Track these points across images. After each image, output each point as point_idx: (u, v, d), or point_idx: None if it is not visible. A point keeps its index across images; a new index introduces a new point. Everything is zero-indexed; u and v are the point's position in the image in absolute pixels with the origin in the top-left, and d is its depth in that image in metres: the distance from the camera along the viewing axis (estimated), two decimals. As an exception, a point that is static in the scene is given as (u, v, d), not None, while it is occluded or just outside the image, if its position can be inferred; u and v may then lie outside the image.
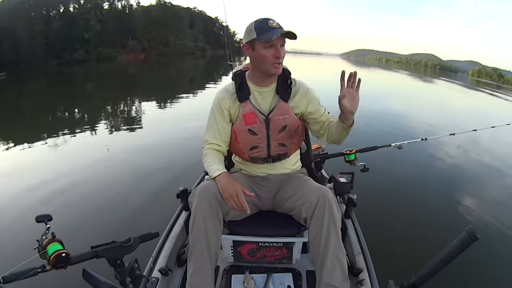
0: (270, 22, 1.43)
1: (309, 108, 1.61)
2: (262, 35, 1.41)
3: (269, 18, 1.45)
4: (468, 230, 0.99)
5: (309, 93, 1.62)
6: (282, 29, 1.42)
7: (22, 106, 11.58)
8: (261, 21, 1.44)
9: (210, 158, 1.57)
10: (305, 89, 1.62)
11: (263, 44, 1.43)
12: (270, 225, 1.68)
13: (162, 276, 1.53)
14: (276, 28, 1.41)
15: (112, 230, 3.03)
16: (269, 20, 1.43)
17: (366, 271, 1.58)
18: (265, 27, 1.42)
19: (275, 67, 1.48)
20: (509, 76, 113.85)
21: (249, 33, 1.46)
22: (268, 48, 1.44)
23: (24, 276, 0.91)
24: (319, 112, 1.63)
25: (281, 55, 1.46)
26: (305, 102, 1.60)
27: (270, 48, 1.44)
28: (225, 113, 1.60)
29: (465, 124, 8.89)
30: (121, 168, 4.68)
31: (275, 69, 1.49)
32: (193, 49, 67.15)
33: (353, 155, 2.46)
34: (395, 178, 4.53)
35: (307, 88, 1.63)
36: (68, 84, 18.94)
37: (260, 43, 1.43)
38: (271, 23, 1.42)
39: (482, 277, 2.64)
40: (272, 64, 1.47)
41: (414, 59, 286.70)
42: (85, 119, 9.18)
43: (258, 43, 1.44)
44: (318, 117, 1.62)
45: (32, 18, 35.93)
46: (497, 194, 4.40)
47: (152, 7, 57.46)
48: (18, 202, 3.62)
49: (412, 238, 3.04)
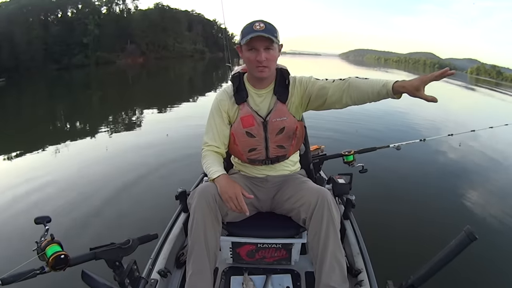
0: (255, 25, 1.40)
1: (308, 91, 1.55)
2: (243, 38, 1.42)
3: (257, 21, 1.42)
4: (467, 231, 0.99)
5: (298, 79, 1.59)
6: (263, 32, 1.38)
7: (22, 110, 11.59)
8: (248, 24, 1.43)
9: (209, 160, 1.57)
10: (294, 80, 1.59)
11: (245, 47, 1.43)
12: (269, 226, 1.68)
13: (161, 277, 1.53)
14: (258, 31, 1.38)
15: (111, 231, 3.04)
16: (255, 23, 1.41)
17: (365, 272, 1.58)
18: (248, 30, 1.41)
19: (259, 71, 1.46)
20: (508, 73, 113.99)
21: (240, 36, 1.46)
22: (250, 51, 1.43)
23: (23, 277, 0.91)
24: (318, 83, 1.53)
25: (261, 59, 1.42)
26: (299, 90, 1.57)
27: (252, 51, 1.43)
28: (224, 115, 1.60)
29: (464, 124, 8.88)
30: (120, 170, 4.68)
31: (259, 72, 1.47)
32: (192, 52, 67.29)
33: (351, 156, 2.47)
34: (393, 179, 4.53)
35: (295, 78, 1.60)
36: (68, 89, 19.03)
37: (244, 46, 1.44)
38: (256, 25, 1.40)
39: (481, 277, 2.63)
40: (255, 67, 1.46)
41: (412, 58, 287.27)
42: (85, 123, 9.22)
43: (244, 46, 1.44)
44: (321, 88, 1.50)
45: (30, 23, 36.10)
46: (495, 195, 4.39)
47: (150, 10, 57.67)
48: (17, 203, 3.63)
49: (411, 238, 3.04)
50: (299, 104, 1.60)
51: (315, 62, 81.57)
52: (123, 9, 52.62)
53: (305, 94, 1.56)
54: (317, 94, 1.52)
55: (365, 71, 46.21)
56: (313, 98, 1.55)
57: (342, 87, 1.43)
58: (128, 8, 53.51)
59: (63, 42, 38.67)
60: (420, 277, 1.07)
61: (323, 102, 1.52)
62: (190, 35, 70.59)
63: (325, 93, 1.48)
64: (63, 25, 41.45)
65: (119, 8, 51.92)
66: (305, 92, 1.56)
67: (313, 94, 1.53)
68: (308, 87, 1.55)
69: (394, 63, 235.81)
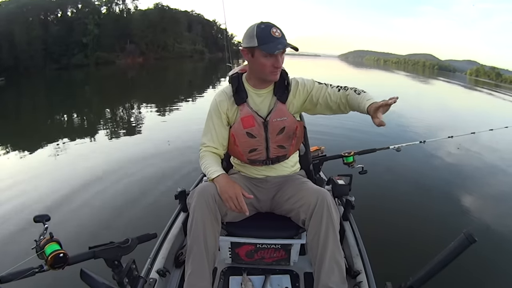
0: (273, 30, 1.38)
1: (311, 94, 1.56)
2: (264, 45, 1.38)
3: (272, 25, 1.40)
4: (466, 233, 0.99)
5: (300, 82, 1.59)
6: (285, 40, 1.39)
7: (22, 110, 11.59)
8: (263, 28, 1.39)
9: (208, 160, 1.57)
10: (296, 81, 1.59)
11: (264, 53, 1.41)
12: (268, 226, 1.68)
13: (160, 277, 1.53)
14: (278, 39, 1.38)
15: (110, 230, 3.04)
16: (272, 28, 1.38)
17: (364, 273, 1.58)
18: (267, 36, 1.38)
19: (273, 75, 1.47)
20: (507, 74, 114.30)
21: (250, 39, 1.41)
22: (268, 57, 1.42)
23: (21, 276, 0.91)
24: (321, 88, 1.56)
25: (280, 65, 1.45)
26: (302, 93, 1.58)
27: (270, 57, 1.42)
28: (223, 117, 1.60)
29: (464, 126, 8.90)
30: (119, 169, 4.67)
31: (273, 76, 1.48)
32: (192, 52, 67.16)
33: (351, 157, 2.46)
34: (393, 180, 4.54)
35: (297, 79, 1.60)
36: (68, 89, 19.00)
37: (261, 51, 1.41)
38: (274, 32, 1.38)
39: (480, 280, 2.63)
40: (270, 72, 1.46)
41: (412, 60, 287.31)
42: (84, 123, 9.24)
43: (258, 51, 1.41)
44: (323, 93, 1.53)
45: (30, 23, 36.07)
46: (495, 197, 4.39)
47: (149, 10, 57.56)
48: (16, 202, 3.63)
49: (410, 240, 3.04)
50: (301, 105, 1.60)
51: (314, 62, 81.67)
52: (123, 9, 52.54)
53: (308, 98, 1.57)
54: (324, 101, 1.54)
55: (364, 71, 46.28)
56: (319, 104, 1.56)
57: (346, 97, 1.48)
58: (128, 8, 53.44)
59: (62, 41, 38.67)
60: (419, 279, 1.07)
61: (329, 109, 1.55)
62: (189, 36, 70.54)
63: (334, 102, 1.51)
64: (63, 24, 41.45)
65: (119, 8, 51.88)
66: (309, 95, 1.57)
67: (320, 100, 1.54)
68: (313, 91, 1.56)
69: (394, 64, 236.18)
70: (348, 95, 1.46)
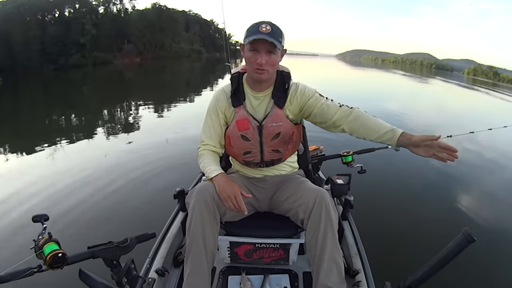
0: (261, 26, 1.37)
1: (308, 105, 1.52)
2: (246, 37, 1.40)
3: (265, 22, 1.39)
4: (465, 232, 0.99)
5: (300, 88, 1.56)
6: (272, 37, 1.36)
7: (19, 111, 11.54)
8: (255, 24, 1.40)
9: (206, 159, 1.57)
10: (296, 87, 1.56)
11: (248, 46, 1.41)
12: (267, 226, 1.68)
13: (159, 276, 1.53)
14: (261, 33, 1.36)
15: (108, 230, 3.03)
16: (262, 25, 1.38)
17: (363, 273, 1.59)
18: (254, 30, 1.38)
19: (257, 73, 1.44)
20: (504, 74, 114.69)
21: (244, 34, 1.44)
22: (252, 51, 1.41)
23: (20, 276, 0.90)
24: (322, 102, 1.51)
25: (261, 62, 1.40)
26: (299, 100, 1.54)
27: (253, 52, 1.41)
28: (221, 116, 1.60)
29: (462, 125, 8.93)
30: (117, 168, 4.68)
31: (256, 74, 1.45)
32: (189, 52, 67.18)
33: (350, 156, 2.47)
34: (392, 180, 4.54)
35: (298, 85, 1.57)
36: (65, 89, 18.94)
37: (247, 45, 1.42)
38: (262, 27, 1.37)
39: (479, 279, 2.63)
40: (254, 68, 1.44)
41: (410, 59, 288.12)
42: (82, 123, 9.24)
43: (246, 45, 1.42)
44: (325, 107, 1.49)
45: (28, 23, 35.95)
46: (494, 197, 4.40)
47: (147, 10, 57.56)
48: (14, 202, 3.63)
49: (409, 239, 3.04)
50: (298, 112, 1.58)
51: (312, 62, 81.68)
52: (121, 9, 52.46)
53: (305, 106, 1.54)
54: (319, 112, 1.50)
55: (363, 71, 46.33)
56: (314, 114, 1.53)
57: (347, 116, 1.45)
58: (125, 8, 53.36)
59: (60, 42, 38.54)
60: (418, 279, 1.06)
61: (324, 122, 1.52)
62: (187, 35, 70.53)
63: (330, 116, 1.48)
64: (60, 24, 41.29)
65: (117, 8, 51.76)
66: (305, 105, 1.53)
67: (315, 110, 1.51)
68: (310, 101, 1.52)
69: (391, 63, 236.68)
70: (358, 118, 1.44)
